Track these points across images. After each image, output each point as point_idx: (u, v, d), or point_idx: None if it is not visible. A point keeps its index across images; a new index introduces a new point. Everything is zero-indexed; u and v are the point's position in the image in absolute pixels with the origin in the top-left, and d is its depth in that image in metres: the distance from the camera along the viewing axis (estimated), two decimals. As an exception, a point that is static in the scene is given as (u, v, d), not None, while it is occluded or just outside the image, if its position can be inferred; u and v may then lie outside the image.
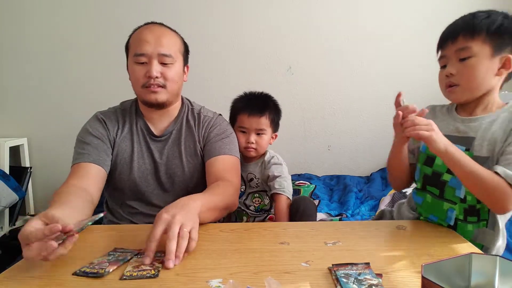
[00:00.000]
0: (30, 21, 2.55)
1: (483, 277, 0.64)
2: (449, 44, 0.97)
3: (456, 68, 0.96)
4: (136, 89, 1.19)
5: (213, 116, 1.30)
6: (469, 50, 0.94)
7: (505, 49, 0.94)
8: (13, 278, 0.75)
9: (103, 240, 0.95)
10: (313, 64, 2.54)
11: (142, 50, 1.13)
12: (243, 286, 0.69)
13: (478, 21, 0.94)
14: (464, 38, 0.94)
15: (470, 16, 0.97)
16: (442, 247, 0.88)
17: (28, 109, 2.63)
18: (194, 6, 2.52)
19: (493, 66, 0.95)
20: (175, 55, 1.17)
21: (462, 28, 0.95)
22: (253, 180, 1.48)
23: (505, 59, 0.94)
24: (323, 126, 2.71)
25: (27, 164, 2.62)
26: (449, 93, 1.00)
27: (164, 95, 1.17)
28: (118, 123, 1.24)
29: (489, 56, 0.93)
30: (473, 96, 0.98)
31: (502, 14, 0.96)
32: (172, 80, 1.17)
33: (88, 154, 1.15)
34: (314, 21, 2.53)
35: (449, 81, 0.98)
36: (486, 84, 0.96)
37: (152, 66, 1.13)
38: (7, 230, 2.31)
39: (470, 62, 0.94)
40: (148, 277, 0.73)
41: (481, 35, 0.93)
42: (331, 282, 0.71)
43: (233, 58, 2.57)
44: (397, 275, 0.74)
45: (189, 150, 1.26)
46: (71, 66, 2.57)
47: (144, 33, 1.16)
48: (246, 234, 0.98)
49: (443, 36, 1.00)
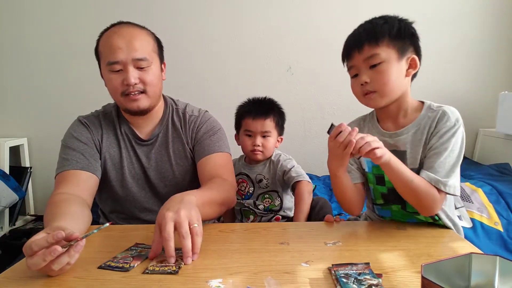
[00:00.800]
0: (30, 21, 2.55)
1: (483, 277, 0.64)
2: (356, 54, 0.98)
3: (369, 76, 0.97)
4: (115, 97, 1.14)
5: (198, 114, 1.26)
6: (378, 57, 0.95)
7: (408, 50, 0.98)
8: (13, 278, 0.75)
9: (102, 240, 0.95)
10: (313, 64, 2.54)
11: (115, 58, 1.07)
12: (243, 286, 0.69)
13: (379, 28, 0.96)
14: (369, 46, 0.96)
15: (369, 24, 1.00)
16: (442, 247, 0.89)
17: (28, 109, 2.63)
18: (194, 6, 2.52)
19: (402, 68, 0.98)
20: (150, 56, 1.11)
21: (366, 36, 0.97)
22: (263, 181, 1.49)
23: (410, 59, 0.98)
24: (323, 126, 2.70)
25: (27, 164, 2.62)
26: (367, 100, 1.01)
27: (146, 101, 1.13)
28: (102, 128, 1.20)
29: (396, 59, 0.96)
30: (391, 99, 0.99)
31: (396, 18, 1.00)
32: (151, 83, 1.12)
33: (76, 161, 1.10)
34: (314, 21, 2.52)
35: (365, 89, 0.99)
36: (400, 85, 0.98)
37: (128, 73, 1.07)
38: (7, 230, 2.31)
39: (381, 67, 0.96)
40: (168, 272, 0.75)
41: (384, 40, 0.95)
42: (331, 282, 0.71)
43: (233, 58, 2.57)
44: (397, 275, 0.74)
45: (178, 153, 1.22)
46: (71, 66, 2.57)
47: (114, 39, 1.09)
48: (246, 234, 0.98)
49: (348, 47, 1.01)
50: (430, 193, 0.92)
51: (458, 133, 0.95)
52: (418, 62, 0.99)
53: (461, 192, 1.74)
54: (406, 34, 0.98)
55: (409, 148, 1.00)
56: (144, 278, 0.74)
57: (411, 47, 0.99)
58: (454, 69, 2.52)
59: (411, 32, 0.99)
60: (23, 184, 2.47)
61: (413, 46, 0.99)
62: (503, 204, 1.70)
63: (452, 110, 0.98)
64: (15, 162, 2.59)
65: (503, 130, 2.23)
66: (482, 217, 1.64)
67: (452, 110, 0.98)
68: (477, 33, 2.48)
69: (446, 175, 0.93)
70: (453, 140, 0.94)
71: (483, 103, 2.53)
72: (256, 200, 1.50)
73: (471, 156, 2.55)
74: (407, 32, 0.98)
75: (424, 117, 1.00)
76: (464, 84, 2.53)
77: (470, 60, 2.51)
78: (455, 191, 0.94)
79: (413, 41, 0.99)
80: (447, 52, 2.50)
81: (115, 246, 0.88)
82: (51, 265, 0.70)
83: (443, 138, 0.95)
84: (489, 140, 2.44)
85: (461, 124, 0.96)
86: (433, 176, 0.93)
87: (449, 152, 0.94)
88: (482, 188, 1.78)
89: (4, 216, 2.33)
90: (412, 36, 0.99)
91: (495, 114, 2.29)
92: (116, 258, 0.82)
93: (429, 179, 0.93)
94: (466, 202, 1.70)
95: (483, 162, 2.37)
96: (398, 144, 1.02)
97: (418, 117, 1.01)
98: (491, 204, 1.70)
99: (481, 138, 2.51)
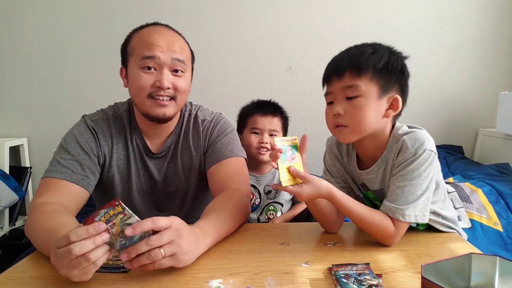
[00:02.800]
0: (30, 21, 2.54)
1: (483, 277, 0.64)
2: (335, 80, 0.90)
3: (343, 108, 0.89)
4: (139, 99, 1.03)
5: (211, 119, 1.17)
6: (357, 89, 0.87)
7: (392, 89, 0.89)
8: (13, 278, 0.75)
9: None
10: (313, 64, 2.54)
11: (152, 53, 0.98)
12: (243, 286, 0.69)
13: (365, 58, 0.87)
14: (350, 76, 0.87)
15: (355, 50, 0.90)
16: (441, 248, 0.89)
17: (28, 109, 2.63)
18: (194, 6, 2.52)
19: (380, 107, 0.89)
20: (187, 62, 1.05)
21: (349, 64, 0.88)
22: (271, 192, 1.47)
23: (392, 99, 0.89)
24: (323, 126, 2.70)
25: (27, 164, 2.61)
26: (337, 133, 0.93)
27: (173, 109, 1.04)
28: (112, 137, 1.09)
29: (376, 96, 0.87)
30: (360, 136, 0.92)
31: (388, 50, 0.90)
32: (183, 91, 1.04)
33: (72, 171, 0.99)
34: (314, 21, 2.52)
35: (337, 121, 0.91)
36: (373, 126, 0.90)
37: (163, 75, 0.99)
38: (7, 230, 2.30)
39: (358, 102, 0.87)
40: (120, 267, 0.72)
41: (367, 73, 0.87)
42: (331, 283, 0.71)
43: (233, 58, 2.56)
44: (397, 275, 0.74)
45: (186, 167, 1.14)
46: (71, 66, 2.56)
47: (155, 37, 1.00)
48: (246, 235, 0.98)
49: (328, 71, 0.93)
50: (383, 224, 0.87)
51: (417, 163, 0.86)
52: (400, 103, 0.89)
53: (461, 193, 1.73)
54: (394, 69, 0.88)
55: (383, 185, 0.95)
56: (144, 278, 0.73)
57: (396, 85, 0.89)
58: (454, 69, 2.52)
59: (400, 68, 0.89)
60: (23, 184, 2.47)
61: (399, 85, 0.90)
62: (503, 204, 1.70)
63: (414, 137, 0.89)
64: (15, 162, 2.59)
65: (503, 130, 2.23)
66: (482, 217, 1.64)
67: (414, 138, 0.88)
68: (477, 33, 2.48)
69: (404, 204, 0.86)
70: (411, 170, 0.87)
71: (483, 103, 2.52)
72: (260, 215, 1.47)
73: (471, 156, 2.55)
74: (396, 67, 0.88)
75: (389, 150, 0.93)
76: (464, 84, 2.53)
77: (470, 60, 2.51)
78: (417, 219, 0.87)
79: (400, 79, 0.90)
80: (447, 52, 2.49)
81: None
82: (88, 255, 0.63)
83: (402, 170, 0.88)
84: (489, 140, 2.44)
85: (424, 152, 0.87)
86: (388, 205, 0.88)
87: (409, 182, 0.87)
88: (482, 188, 1.78)
89: (4, 216, 2.33)
90: (400, 73, 0.89)
91: (495, 114, 2.29)
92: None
93: (385, 210, 0.88)
94: (465, 203, 1.69)
95: (483, 162, 2.37)
96: (372, 183, 0.97)
97: (384, 152, 0.94)
98: (490, 204, 1.70)
99: (481, 138, 2.51)
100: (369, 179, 0.97)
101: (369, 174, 0.97)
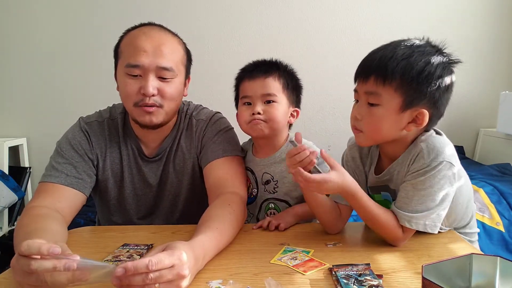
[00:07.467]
0: (30, 21, 2.54)
1: (484, 277, 0.64)
2: (361, 82, 0.85)
3: (362, 112, 0.85)
4: (127, 106, 1.01)
5: (206, 119, 1.14)
6: (378, 98, 0.82)
7: (421, 102, 0.81)
8: (12, 278, 0.74)
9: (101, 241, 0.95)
10: (313, 64, 2.54)
11: (136, 61, 0.95)
12: (243, 286, 0.69)
13: (394, 64, 0.79)
14: (375, 81, 0.81)
15: (390, 51, 0.82)
16: (442, 248, 0.88)
17: (27, 109, 2.63)
18: (193, 6, 2.52)
19: (400, 121, 0.83)
20: (176, 68, 1.00)
21: (376, 68, 0.81)
22: (270, 182, 1.11)
23: (417, 113, 0.82)
24: (323, 126, 2.71)
25: (26, 164, 2.61)
26: (355, 135, 0.91)
27: (160, 116, 1.00)
28: (106, 141, 1.07)
29: (397, 109, 0.81)
30: (376, 143, 0.91)
31: (425, 58, 0.80)
32: (171, 98, 1.00)
33: (66, 174, 0.99)
34: (314, 21, 2.52)
35: (354, 124, 0.88)
36: (390, 136, 0.86)
37: (147, 82, 0.95)
38: (6, 230, 2.30)
39: (376, 110, 0.82)
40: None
41: (393, 82, 0.79)
42: (332, 283, 0.71)
43: (233, 58, 2.56)
44: (397, 276, 0.74)
45: (179, 170, 1.12)
46: (71, 66, 2.56)
47: (141, 40, 0.97)
48: (246, 235, 0.97)
49: (358, 70, 0.87)
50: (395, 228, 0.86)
51: (430, 175, 0.82)
52: (426, 118, 0.81)
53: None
54: (426, 81, 0.79)
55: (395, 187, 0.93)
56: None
57: (425, 99, 0.80)
58: (455, 69, 2.51)
59: (436, 77, 0.79)
60: (22, 184, 2.47)
61: (430, 98, 0.81)
62: (505, 204, 1.70)
63: (432, 146, 0.83)
64: (14, 162, 2.59)
65: (504, 130, 2.23)
66: (484, 217, 1.64)
67: (432, 147, 0.83)
68: (477, 33, 2.48)
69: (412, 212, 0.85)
70: (423, 181, 0.83)
71: (484, 103, 2.52)
72: (259, 213, 1.16)
73: (472, 156, 2.55)
74: (429, 78, 0.79)
75: (406, 155, 0.88)
76: (464, 84, 2.52)
77: (470, 60, 2.51)
78: (425, 228, 0.85)
79: (433, 94, 0.80)
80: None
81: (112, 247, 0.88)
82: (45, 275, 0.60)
83: (414, 179, 0.84)
84: (490, 140, 2.44)
85: (440, 164, 0.82)
86: (396, 211, 0.87)
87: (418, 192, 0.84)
88: (484, 188, 1.77)
89: (3, 216, 2.33)
90: (436, 87, 0.79)
91: (496, 114, 2.29)
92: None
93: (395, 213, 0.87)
94: (467, 203, 1.69)
95: (484, 162, 2.36)
96: (388, 184, 0.95)
97: (401, 156, 0.90)
98: (492, 204, 1.69)
99: (482, 138, 2.50)
100: (385, 181, 0.95)
101: (385, 176, 0.94)
